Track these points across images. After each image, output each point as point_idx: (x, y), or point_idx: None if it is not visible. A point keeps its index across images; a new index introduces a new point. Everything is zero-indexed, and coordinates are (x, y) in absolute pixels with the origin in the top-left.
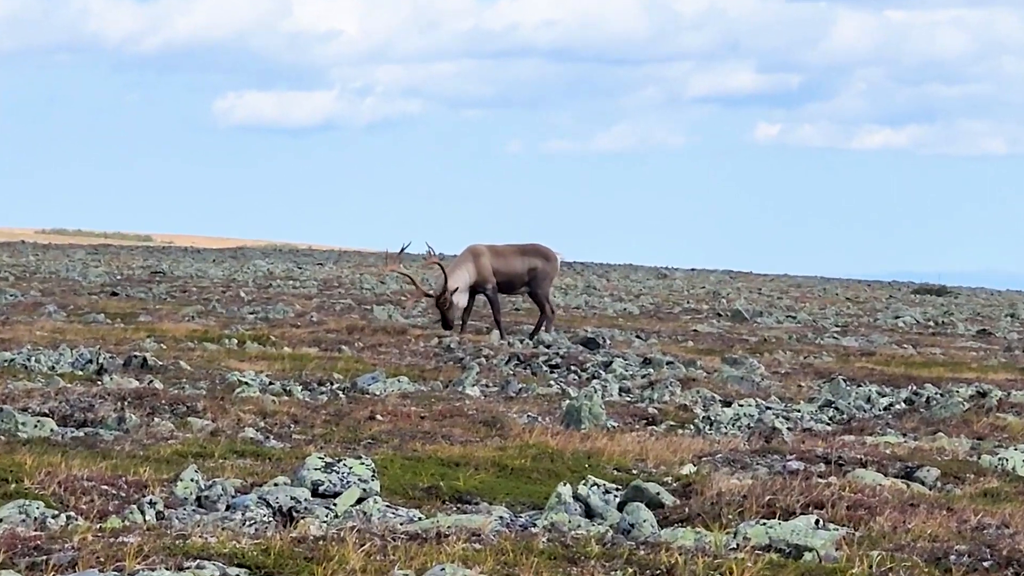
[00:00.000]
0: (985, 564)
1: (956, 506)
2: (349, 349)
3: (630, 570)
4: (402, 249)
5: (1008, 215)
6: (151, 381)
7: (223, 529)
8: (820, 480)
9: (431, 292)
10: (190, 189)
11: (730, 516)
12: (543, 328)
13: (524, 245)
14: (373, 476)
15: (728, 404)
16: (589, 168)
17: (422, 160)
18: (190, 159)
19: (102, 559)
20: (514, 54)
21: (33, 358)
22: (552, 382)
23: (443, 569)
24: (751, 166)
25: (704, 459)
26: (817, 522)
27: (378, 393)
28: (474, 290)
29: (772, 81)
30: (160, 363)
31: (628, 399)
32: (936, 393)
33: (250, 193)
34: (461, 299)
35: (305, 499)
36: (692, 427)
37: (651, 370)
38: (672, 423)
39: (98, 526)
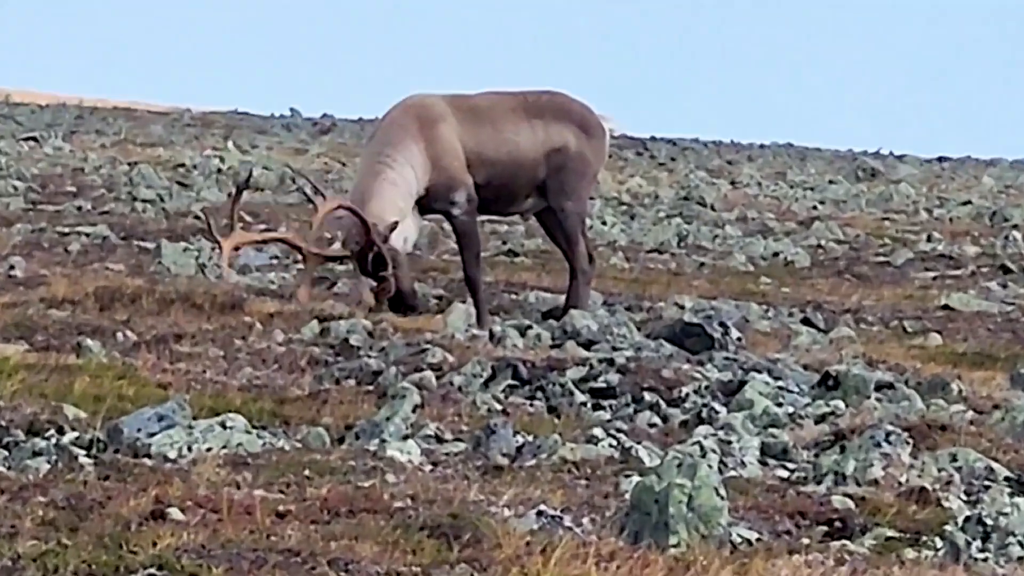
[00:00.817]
0: None
1: None
2: (102, 345)
3: None
4: (241, 189)
5: None
6: None
7: None
8: None
9: (336, 249)
10: None
11: None
12: (577, 297)
13: (532, 95)
14: None
15: None
16: None
17: None
18: None
19: None
20: None
21: None
22: (598, 431)
23: None
24: None
25: None
26: None
27: (172, 456)
28: (423, 208)
29: None
30: None
31: (783, 473)
32: None
33: None
34: (410, 234)
35: None
36: (941, 543)
37: (838, 403)
38: (893, 533)
39: None
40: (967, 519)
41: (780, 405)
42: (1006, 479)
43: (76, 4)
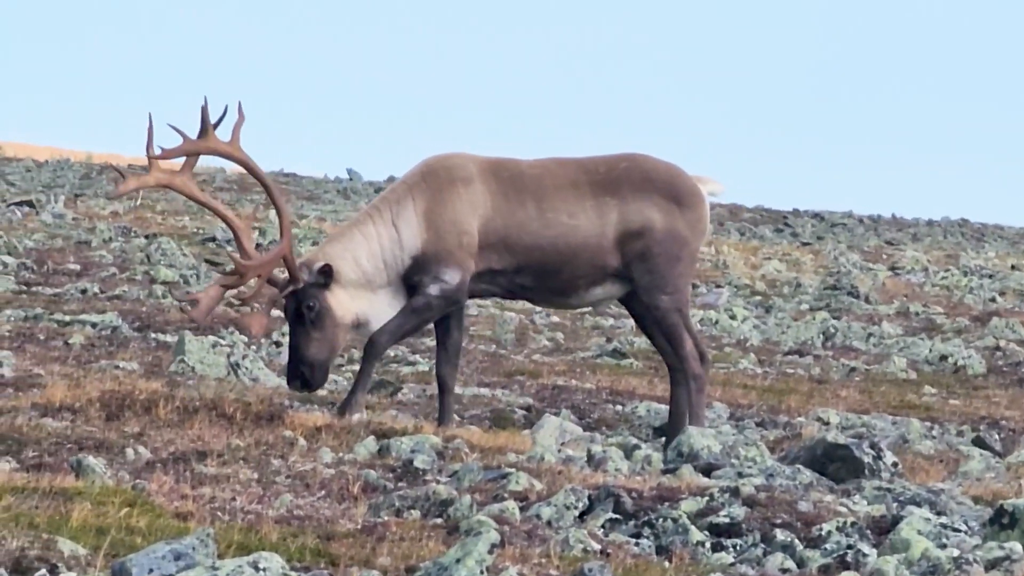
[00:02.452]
0: None
1: None
2: (107, 464)
3: None
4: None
5: None
6: None
7: None
8: None
9: (263, 259)
10: None
11: None
12: (686, 409)
13: (606, 164)
14: None
15: None
16: None
17: None
18: None
19: None
20: None
21: None
22: None
23: None
24: None
25: None
26: None
27: None
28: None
29: None
30: None
31: None
32: None
33: None
34: (373, 311)
35: None
36: None
37: (1014, 544)
38: None
39: None
40: None
41: (943, 547)
42: None
43: (84, 41)
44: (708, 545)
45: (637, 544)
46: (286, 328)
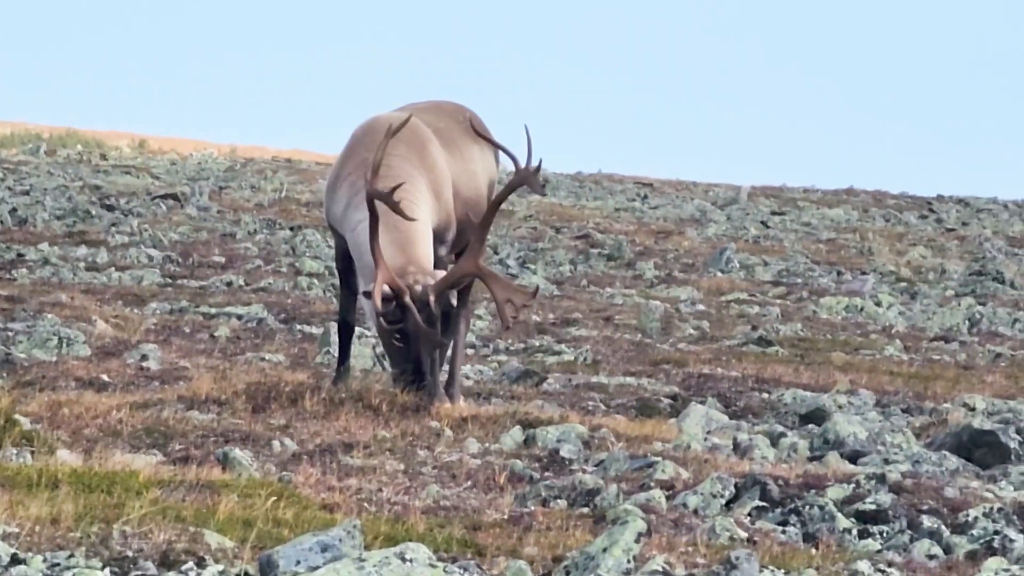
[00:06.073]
0: None
1: None
2: (253, 457)
3: None
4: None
5: None
6: None
7: None
8: None
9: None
10: None
11: None
12: (454, 370)
13: (460, 112)
14: None
15: None
16: None
17: None
18: None
19: None
20: None
21: None
22: (865, 565)
23: None
24: None
25: None
26: None
27: None
28: None
29: None
30: None
31: None
32: None
33: None
34: None
35: None
36: None
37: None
38: None
39: None
40: None
41: None
42: None
43: (226, 37)
44: (855, 532)
45: (784, 531)
46: None
